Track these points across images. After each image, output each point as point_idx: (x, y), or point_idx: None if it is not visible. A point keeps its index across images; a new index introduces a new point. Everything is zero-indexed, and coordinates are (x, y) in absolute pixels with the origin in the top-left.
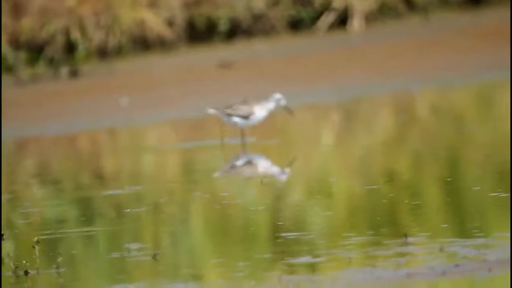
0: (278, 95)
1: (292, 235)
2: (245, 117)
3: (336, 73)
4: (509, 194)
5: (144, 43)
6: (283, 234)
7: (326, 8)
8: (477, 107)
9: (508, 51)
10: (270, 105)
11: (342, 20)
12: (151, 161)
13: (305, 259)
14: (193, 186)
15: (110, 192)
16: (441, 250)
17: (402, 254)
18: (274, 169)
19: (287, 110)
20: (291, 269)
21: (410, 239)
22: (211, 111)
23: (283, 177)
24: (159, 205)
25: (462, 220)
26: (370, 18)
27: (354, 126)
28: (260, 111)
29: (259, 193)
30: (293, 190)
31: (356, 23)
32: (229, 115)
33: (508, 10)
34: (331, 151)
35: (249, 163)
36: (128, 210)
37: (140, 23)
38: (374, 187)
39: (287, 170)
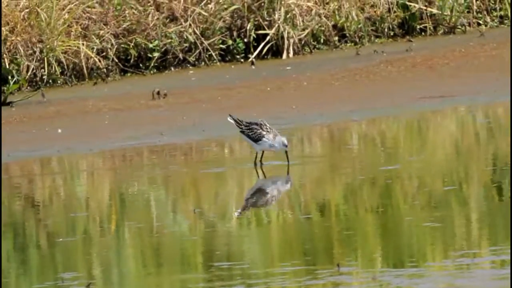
0: (285, 140)
1: (225, 264)
2: (254, 139)
3: (269, 102)
4: (441, 224)
5: (77, 73)
6: (217, 264)
7: (259, 37)
8: (410, 137)
9: (438, 81)
10: (278, 144)
11: (276, 50)
12: (84, 190)
13: None
14: (127, 215)
15: (42, 221)
16: (373, 279)
17: (335, 284)
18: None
19: (287, 157)
20: None
21: (342, 269)
22: (230, 119)
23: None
24: (93, 234)
25: (394, 250)
26: (303, 47)
27: (284, 157)
28: (270, 142)
29: (192, 223)
30: (227, 219)
31: (289, 53)
32: (242, 131)
33: (438, 41)
34: (264, 181)
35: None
36: (61, 239)
37: (73, 53)
38: (307, 216)
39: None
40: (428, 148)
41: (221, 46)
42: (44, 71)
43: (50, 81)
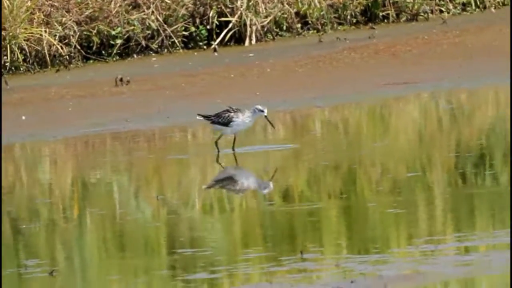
0: (258, 106)
1: (189, 251)
2: (225, 124)
3: (233, 89)
4: (405, 210)
5: (40, 61)
6: (180, 251)
7: (222, 24)
8: (374, 123)
9: (401, 68)
10: (252, 115)
11: (238, 37)
12: (47, 177)
13: (202, 275)
14: (90, 202)
15: (5, 208)
16: (337, 266)
17: (298, 270)
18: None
19: (269, 121)
20: (188, 285)
21: (306, 255)
22: (199, 117)
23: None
24: (56, 221)
25: (358, 237)
26: (266, 34)
27: (251, 142)
28: (240, 120)
29: (155, 209)
30: (190, 206)
31: (252, 40)
32: (212, 122)
33: (401, 29)
34: (229, 168)
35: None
36: (24, 226)
37: (36, 40)
38: (271, 203)
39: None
40: (391, 134)
41: (183, 33)
42: (7, 59)
43: (13, 68)
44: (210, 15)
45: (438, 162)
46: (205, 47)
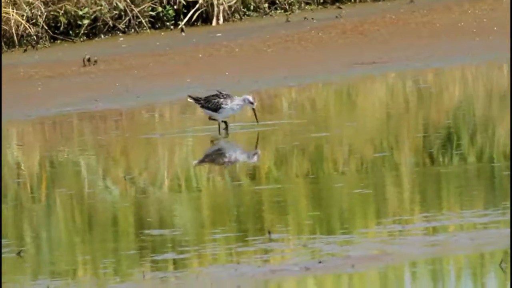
0: (249, 97)
1: (156, 232)
2: (214, 109)
3: (202, 69)
4: (372, 191)
5: (7, 40)
6: (148, 231)
7: (189, 4)
8: (341, 104)
9: (370, 47)
10: (241, 103)
11: (206, 17)
12: (15, 157)
13: (170, 255)
14: (59, 182)
15: None
16: (304, 246)
17: (266, 251)
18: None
19: (255, 115)
20: (156, 266)
21: (274, 236)
22: (189, 99)
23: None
24: (24, 201)
25: (325, 217)
26: (233, 14)
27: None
28: (229, 106)
29: (123, 190)
30: (158, 186)
31: (219, 19)
32: (202, 106)
33: (368, 8)
34: (195, 148)
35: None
36: None
37: (4, 20)
38: (239, 183)
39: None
40: (361, 114)
41: (151, 13)
42: None
43: None
44: None
45: (406, 142)
46: (172, 27)
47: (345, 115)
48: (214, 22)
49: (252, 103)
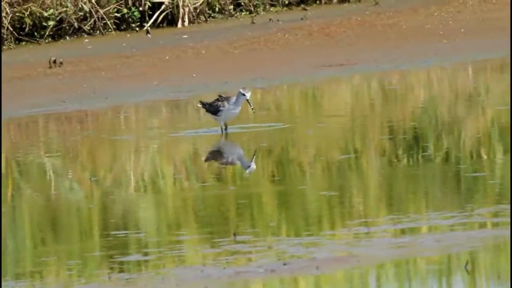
0: (241, 89)
1: (122, 233)
2: (214, 113)
3: (169, 71)
4: (338, 193)
5: None
6: (113, 232)
7: (154, 6)
8: (309, 106)
9: (337, 49)
10: (236, 101)
11: (171, 18)
12: None
13: (135, 257)
14: (25, 183)
15: None
16: (269, 248)
17: (231, 253)
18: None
19: (250, 104)
20: (121, 267)
21: (239, 238)
22: (199, 105)
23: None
24: None
25: (290, 219)
26: (199, 16)
27: (184, 126)
28: (226, 108)
29: (89, 191)
30: (124, 188)
31: (184, 21)
32: (206, 110)
33: (333, 10)
34: (161, 150)
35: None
36: None
37: None
38: (204, 185)
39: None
40: (329, 116)
41: (116, 14)
42: None
43: None
44: None
45: (372, 144)
46: (137, 29)
47: (313, 117)
48: (179, 24)
49: (244, 95)
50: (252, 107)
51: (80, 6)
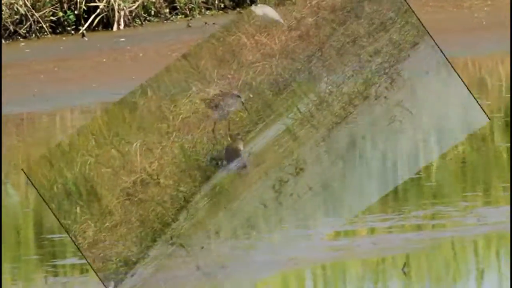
0: (236, 92)
1: (57, 237)
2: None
3: (108, 74)
4: (275, 194)
5: None
6: (49, 236)
7: (90, 9)
8: None
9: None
10: (230, 101)
11: (107, 22)
12: None
13: (71, 260)
14: None
15: None
16: (202, 249)
17: (167, 255)
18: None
19: (245, 107)
20: (56, 271)
21: (175, 240)
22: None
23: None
24: None
25: (227, 221)
26: (134, 19)
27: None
28: (221, 107)
29: (24, 195)
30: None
31: (120, 25)
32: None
33: None
34: (102, 152)
35: None
36: None
37: None
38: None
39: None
40: None
41: (51, 18)
42: None
43: None
44: (78, 0)
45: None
46: (73, 32)
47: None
48: (115, 27)
49: (239, 96)
50: (247, 109)
51: (15, 9)
